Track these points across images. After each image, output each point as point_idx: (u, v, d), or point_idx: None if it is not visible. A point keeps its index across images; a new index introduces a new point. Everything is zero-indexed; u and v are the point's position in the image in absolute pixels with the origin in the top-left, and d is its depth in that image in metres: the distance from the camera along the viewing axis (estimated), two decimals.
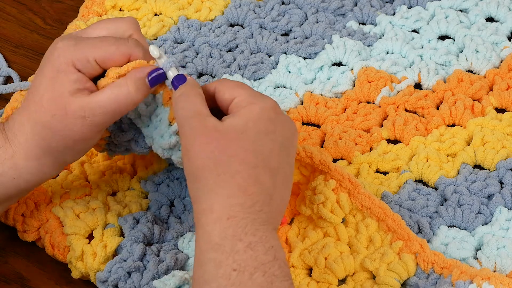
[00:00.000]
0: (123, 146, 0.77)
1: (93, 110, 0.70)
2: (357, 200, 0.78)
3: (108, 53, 0.70)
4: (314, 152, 0.77)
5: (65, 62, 0.70)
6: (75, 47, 0.70)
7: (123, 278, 0.74)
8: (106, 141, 0.76)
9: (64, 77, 0.70)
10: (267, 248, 0.64)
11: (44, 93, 0.70)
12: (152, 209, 0.81)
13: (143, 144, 0.75)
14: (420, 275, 0.75)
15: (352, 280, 0.75)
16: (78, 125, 0.70)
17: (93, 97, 0.70)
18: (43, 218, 0.80)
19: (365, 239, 0.77)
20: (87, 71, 0.70)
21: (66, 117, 0.70)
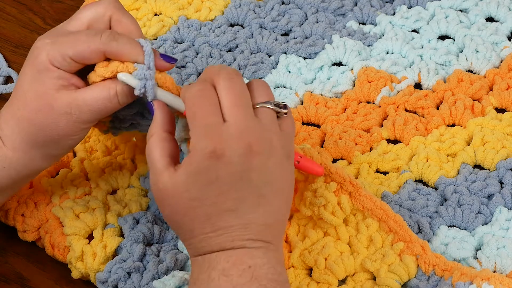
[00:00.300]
0: (128, 120, 0.76)
1: (80, 107, 0.70)
2: (358, 202, 0.78)
3: (80, 51, 0.70)
4: (315, 155, 0.76)
5: (43, 61, 0.70)
6: (51, 46, 0.70)
7: (123, 279, 0.74)
8: (111, 118, 0.76)
9: (46, 75, 0.70)
10: (242, 270, 0.65)
11: (28, 91, 0.71)
12: (152, 208, 0.81)
13: (150, 117, 0.74)
14: (421, 277, 0.75)
15: (352, 281, 0.75)
16: (64, 121, 0.70)
17: (80, 94, 0.70)
18: (43, 218, 0.80)
19: (366, 239, 0.77)
20: (66, 68, 0.70)
21: (52, 112, 0.70)
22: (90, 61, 0.70)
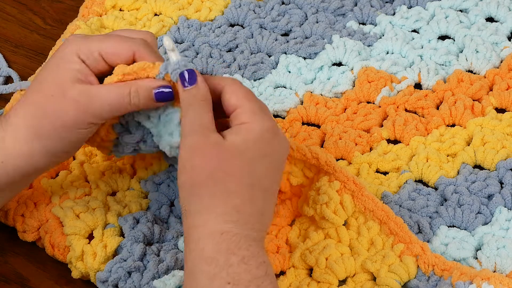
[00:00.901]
0: (132, 146, 0.76)
1: (91, 98, 0.70)
2: (360, 202, 0.78)
3: (112, 47, 0.71)
4: (320, 153, 0.77)
5: (70, 51, 0.71)
6: (82, 39, 0.72)
7: (123, 278, 0.74)
8: (114, 143, 0.76)
9: (67, 65, 0.70)
10: (259, 263, 0.65)
11: (46, 77, 0.71)
12: (152, 209, 0.81)
13: (152, 144, 0.75)
14: (421, 277, 0.75)
15: (352, 281, 0.75)
16: (72, 109, 0.70)
17: (95, 88, 0.70)
18: (42, 218, 0.80)
19: (367, 242, 0.77)
20: (90, 63, 0.71)
21: (62, 99, 0.70)
22: (118, 59, 0.71)
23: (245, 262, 0.64)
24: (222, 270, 0.64)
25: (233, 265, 0.64)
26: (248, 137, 0.67)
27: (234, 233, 0.65)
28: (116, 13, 1.04)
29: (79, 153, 0.86)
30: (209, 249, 0.64)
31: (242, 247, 0.65)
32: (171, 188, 0.82)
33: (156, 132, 0.73)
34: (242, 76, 0.96)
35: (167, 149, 0.73)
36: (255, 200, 0.66)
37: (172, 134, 0.72)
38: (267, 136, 0.68)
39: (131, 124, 0.74)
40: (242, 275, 0.64)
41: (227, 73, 0.96)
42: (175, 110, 0.71)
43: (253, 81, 0.96)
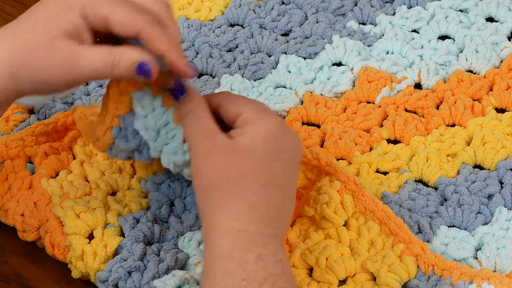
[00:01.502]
0: (126, 154, 0.76)
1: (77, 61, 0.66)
2: (360, 202, 0.78)
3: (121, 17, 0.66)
4: (321, 154, 0.77)
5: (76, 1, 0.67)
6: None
7: (123, 278, 0.74)
8: (109, 147, 0.76)
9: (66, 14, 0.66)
10: (276, 261, 0.64)
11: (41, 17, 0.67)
12: (152, 209, 0.81)
13: (147, 155, 0.75)
14: (421, 277, 0.75)
15: (352, 281, 0.75)
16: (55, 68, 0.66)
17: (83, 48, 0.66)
18: (42, 218, 0.80)
19: (367, 242, 0.77)
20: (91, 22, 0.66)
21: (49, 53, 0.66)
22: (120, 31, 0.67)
23: (262, 259, 0.64)
24: (238, 266, 0.63)
25: (249, 262, 0.63)
26: (256, 136, 0.67)
27: (251, 231, 0.65)
28: None
29: (79, 152, 0.86)
30: (226, 246, 0.64)
31: (259, 244, 0.64)
32: (171, 188, 0.82)
33: (153, 147, 0.72)
34: (242, 76, 0.96)
35: (172, 166, 0.72)
36: (270, 198, 0.66)
37: (176, 153, 0.71)
38: (275, 133, 0.67)
39: (129, 130, 0.74)
40: (257, 272, 0.63)
41: (227, 73, 0.96)
42: (178, 128, 0.71)
43: (253, 81, 0.96)
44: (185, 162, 0.71)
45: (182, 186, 0.82)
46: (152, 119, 0.71)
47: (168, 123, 0.71)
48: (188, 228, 0.79)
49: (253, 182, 0.66)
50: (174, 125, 0.71)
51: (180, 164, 0.72)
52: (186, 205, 0.81)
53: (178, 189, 0.82)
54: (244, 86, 0.94)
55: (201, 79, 0.96)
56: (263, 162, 0.66)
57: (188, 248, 0.76)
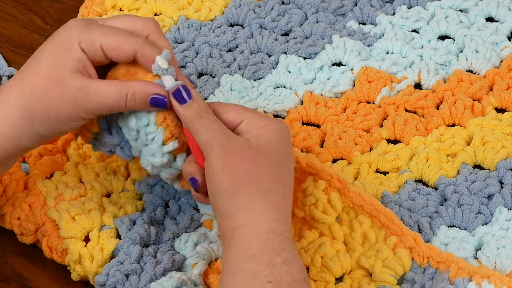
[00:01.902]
0: (108, 147, 0.76)
1: (89, 95, 0.69)
2: (347, 198, 0.78)
3: (114, 43, 0.69)
4: (300, 157, 0.76)
5: (72, 38, 0.69)
6: (85, 28, 0.70)
7: (121, 281, 0.74)
8: (94, 136, 0.76)
9: (68, 52, 0.69)
10: (299, 267, 0.65)
11: (45, 60, 0.70)
12: (147, 211, 0.81)
13: (128, 153, 0.75)
14: (416, 269, 0.75)
15: (349, 278, 0.75)
16: (68, 103, 0.69)
17: (93, 82, 0.69)
18: (39, 221, 0.79)
19: (360, 237, 0.77)
20: (90, 54, 0.70)
21: (60, 89, 0.69)
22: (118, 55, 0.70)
23: (287, 264, 0.64)
24: (266, 268, 0.63)
25: (276, 265, 0.64)
26: (271, 137, 0.68)
27: (278, 233, 0.65)
28: (116, 13, 1.04)
29: (73, 154, 0.86)
30: (253, 247, 0.64)
31: (286, 249, 0.65)
32: (165, 190, 0.82)
33: (134, 146, 0.73)
34: (242, 76, 0.96)
35: (149, 168, 0.73)
36: (287, 198, 0.67)
37: (154, 155, 0.71)
38: (285, 135, 0.69)
39: (113, 125, 0.74)
40: (283, 276, 0.63)
41: (227, 73, 0.96)
42: (158, 131, 0.71)
43: (253, 81, 0.96)
44: (163, 164, 0.71)
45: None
46: (133, 118, 0.72)
47: (149, 125, 0.71)
48: (184, 230, 0.79)
49: (275, 181, 0.67)
50: (155, 128, 0.71)
51: (158, 166, 0.72)
52: (181, 207, 0.81)
53: (172, 190, 0.82)
54: (244, 86, 0.94)
55: (201, 79, 0.96)
56: (278, 163, 0.67)
57: (185, 250, 0.76)
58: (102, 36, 0.70)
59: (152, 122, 0.71)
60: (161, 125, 0.71)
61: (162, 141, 0.71)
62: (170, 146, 0.71)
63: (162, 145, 0.71)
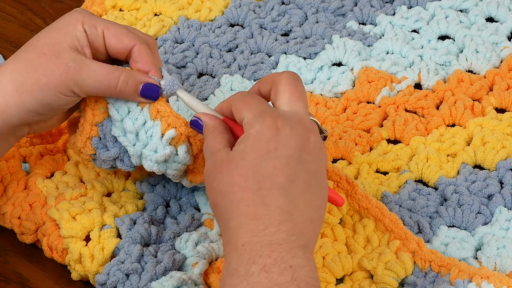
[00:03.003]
0: (109, 163, 0.76)
1: (82, 67, 0.70)
2: (354, 200, 0.78)
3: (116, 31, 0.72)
4: None
5: (75, 18, 0.72)
6: (90, 14, 0.73)
7: (121, 281, 0.74)
8: (92, 158, 0.76)
9: (69, 29, 0.72)
10: (283, 269, 0.63)
11: (43, 38, 0.72)
12: (148, 210, 0.81)
13: (129, 163, 0.75)
14: (418, 273, 0.75)
15: (350, 280, 0.75)
16: (60, 71, 0.70)
17: (88, 60, 0.71)
18: (39, 220, 0.79)
19: (363, 239, 0.77)
20: (91, 36, 0.72)
21: (54, 59, 0.70)
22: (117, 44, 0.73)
23: (266, 270, 0.62)
24: (243, 280, 0.62)
25: (253, 274, 0.62)
26: (247, 141, 0.66)
27: (254, 242, 0.63)
28: (116, 13, 1.04)
29: (74, 154, 0.86)
30: (233, 261, 0.64)
31: (264, 254, 0.63)
32: (167, 189, 0.82)
33: (133, 152, 0.73)
34: (242, 76, 0.96)
35: (155, 167, 0.73)
36: (268, 202, 0.64)
37: (156, 149, 0.72)
38: (267, 133, 0.66)
39: (108, 138, 0.74)
40: (262, 284, 0.62)
41: (227, 73, 0.96)
42: (155, 124, 0.71)
43: (253, 81, 0.96)
44: (166, 156, 0.72)
45: (177, 187, 0.82)
46: (129, 121, 0.72)
47: (146, 122, 0.72)
48: (184, 229, 0.79)
49: (245, 190, 0.65)
50: (152, 122, 0.72)
51: (162, 161, 0.72)
52: (182, 206, 0.81)
53: (173, 190, 0.82)
54: (244, 86, 0.94)
55: (201, 79, 0.96)
56: (253, 167, 0.65)
57: (185, 249, 0.76)
58: (105, 23, 0.73)
59: (148, 118, 0.72)
60: (156, 118, 0.71)
61: (160, 133, 0.71)
62: (168, 135, 0.71)
63: (161, 137, 0.71)
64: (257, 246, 0.63)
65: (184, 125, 0.73)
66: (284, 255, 0.63)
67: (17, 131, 0.74)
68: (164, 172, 0.74)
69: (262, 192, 0.64)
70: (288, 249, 0.63)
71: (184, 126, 0.72)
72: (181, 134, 0.72)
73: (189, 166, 0.75)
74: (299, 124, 0.67)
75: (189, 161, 0.74)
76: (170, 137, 0.71)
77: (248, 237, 0.64)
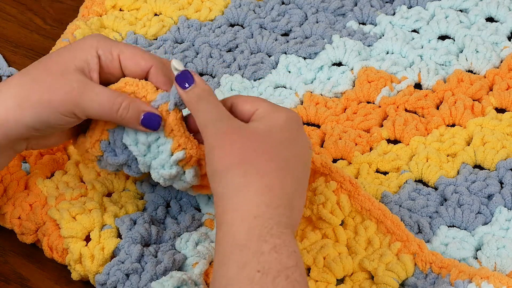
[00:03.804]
0: (115, 167, 0.76)
1: (85, 90, 0.70)
2: (357, 202, 0.78)
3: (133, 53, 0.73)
4: (315, 157, 0.77)
5: (90, 43, 0.72)
6: (105, 38, 0.73)
7: (121, 280, 0.74)
8: (98, 159, 0.76)
9: (80, 53, 0.72)
10: (290, 253, 0.63)
11: (53, 58, 0.72)
12: (148, 210, 0.81)
13: (136, 170, 0.75)
14: (419, 275, 0.75)
15: (350, 280, 0.75)
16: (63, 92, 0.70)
17: (92, 83, 0.71)
18: (39, 220, 0.79)
19: (364, 241, 0.77)
20: (106, 62, 0.72)
21: (58, 78, 0.70)
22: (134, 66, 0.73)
23: (276, 250, 0.62)
24: (253, 258, 0.62)
25: (264, 253, 0.62)
26: (272, 123, 0.68)
27: (266, 217, 0.63)
28: (116, 13, 1.04)
29: (74, 153, 0.86)
30: (241, 234, 0.63)
31: (274, 234, 0.63)
32: (167, 189, 0.82)
33: (142, 161, 0.73)
34: (242, 76, 0.96)
35: (161, 180, 0.73)
36: (285, 184, 0.65)
37: (163, 166, 0.72)
38: (292, 124, 0.68)
39: (117, 144, 0.74)
40: (272, 264, 0.62)
41: (227, 73, 0.96)
42: (167, 141, 0.71)
43: (253, 81, 0.96)
44: (172, 176, 0.72)
45: None
46: (143, 134, 0.72)
47: (159, 138, 0.72)
48: (185, 229, 0.79)
49: (269, 164, 0.65)
50: (165, 139, 0.71)
51: (167, 178, 0.72)
52: (182, 206, 0.81)
53: (174, 190, 0.82)
54: (244, 86, 0.94)
55: None
56: (278, 148, 0.66)
57: (186, 249, 0.76)
58: (120, 46, 0.73)
59: (162, 135, 0.72)
60: (169, 136, 0.71)
61: (170, 151, 0.71)
62: (177, 156, 0.71)
63: (170, 156, 0.71)
64: (268, 223, 0.63)
65: (196, 147, 0.72)
66: (290, 240, 0.64)
67: (16, 145, 0.74)
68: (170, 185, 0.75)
69: (283, 173, 0.65)
70: (291, 235, 0.64)
71: (195, 149, 0.72)
72: (191, 156, 0.72)
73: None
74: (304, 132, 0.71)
75: (196, 182, 0.74)
76: (178, 159, 0.71)
77: (262, 210, 0.63)
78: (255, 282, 0.61)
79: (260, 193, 0.64)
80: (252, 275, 0.61)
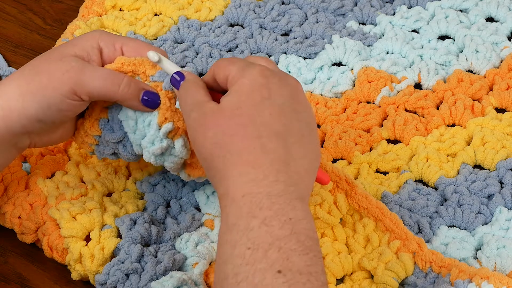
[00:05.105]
0: (112, 147, 0.76)
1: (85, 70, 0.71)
2: (354, 200, 0.78)
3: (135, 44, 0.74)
4: None
5: (92, 36, 0.74)
6: (107, 33, 0.75)
7: (121, 280, 0.74)
8: (97, 141, 0.76)
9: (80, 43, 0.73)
10: (283, 222, 0.61)
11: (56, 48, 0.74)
12: (149, 210, 0.81)
13: (130, 150, 0.76)
14: (418, 274, 0.75)
15: (350, 280, 0.75)
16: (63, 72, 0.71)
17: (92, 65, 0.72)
18: (39, 220, 0.79)
19: (363, 239, 0.77)
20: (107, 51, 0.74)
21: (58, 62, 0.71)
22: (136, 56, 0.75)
23: (266, 223, 0.61)
24: (243, 235, 0.61)
25: (253, 228, 0.61)
26: (239, 91, 0.66)
27: (255, 193, 0.62)
28: (116, 13, 1.04)
29: (74, 154, 0.86)
30: (232, 215, 0.62)
31: (264, 206, 0.62)
32: (167, 189, 0.82)
33: (133, 139, 0.74)
34: None
35: (152, 159, 0.74)
36: (268, 149, 0.63)
37: (153, 142, 0.73)
38: (258, 81, 0.66)
39: (115, 120, 0.75)
40: (262, 238, 0.61)
41: None
42: (153, 114, 0.73)
43: None
44: (163, 149, 0.72)
45: (177, 186, 0.82)
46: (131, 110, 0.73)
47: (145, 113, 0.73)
48: (185, 229, 0.79)
49: (245, 139, 0.64)
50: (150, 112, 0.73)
51: (159, 154, 0.73)
52: (182, 206, 0.81)
53: (174, 190, 0.82)
54: None
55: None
56: (249, 116, 0.64)
57: (186, 249, 0.76)
58: (123, 39, 0.75)
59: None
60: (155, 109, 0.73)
61: (157, 125, 0.72)
62: (166, 128, 0.72)
63: (158, 129, 0.72)
64: (257, 197, 0.62)
65: (182, 119, 0.73)
66: (284, 207, 0.62)
67: (19, 141, 0.74)
68: (162, 164, 0.75)
69: (262, 140, 0.64)
70: (288, 200, 0.62)
71: (182, 121, 0.73)
72: (179, 127, 0.73)
73: (186, 160, 0.75)
74: (286, 76, 0.68)
75: (186, 155, 0.74)
76: (167, 131, 0.72)
77: (249, 187, 0.62)
78: (246, 259, 0.60)
79: (243, 172, 0.63)
80: (243, 253, 0.60)
